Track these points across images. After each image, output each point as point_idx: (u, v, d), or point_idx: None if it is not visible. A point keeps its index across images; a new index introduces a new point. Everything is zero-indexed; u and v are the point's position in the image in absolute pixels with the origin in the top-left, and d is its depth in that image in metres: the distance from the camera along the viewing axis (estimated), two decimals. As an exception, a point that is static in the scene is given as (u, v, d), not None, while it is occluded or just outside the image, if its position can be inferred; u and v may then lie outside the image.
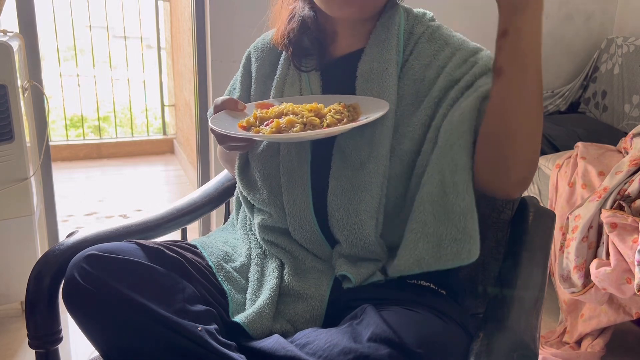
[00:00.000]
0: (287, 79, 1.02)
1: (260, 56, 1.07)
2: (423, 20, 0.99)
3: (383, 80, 0.94)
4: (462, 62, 0.93)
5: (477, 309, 1.11)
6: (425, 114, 0.92)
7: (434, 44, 0.96)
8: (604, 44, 2.53)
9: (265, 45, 1.08)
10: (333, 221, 0.93)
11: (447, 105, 0.90)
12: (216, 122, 0.91)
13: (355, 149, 0.92)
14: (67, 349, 1.81)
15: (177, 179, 3.67)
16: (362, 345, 0.74)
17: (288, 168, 0.96)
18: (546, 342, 1.82)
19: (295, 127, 0.85)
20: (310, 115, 0.88)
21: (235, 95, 1.10)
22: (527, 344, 0.79)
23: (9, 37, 1.78)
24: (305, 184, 0.95)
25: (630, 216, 1.51)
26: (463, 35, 0.98)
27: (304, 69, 1.01)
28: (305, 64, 1.01)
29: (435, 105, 0.92)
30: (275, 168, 0.98)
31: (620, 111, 2.40)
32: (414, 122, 0.92)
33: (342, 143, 0.93)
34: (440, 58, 0.94)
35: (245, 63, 1.11)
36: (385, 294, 0.90)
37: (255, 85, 1.07)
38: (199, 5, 2.16)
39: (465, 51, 0.94)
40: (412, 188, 0.91)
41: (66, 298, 0.84)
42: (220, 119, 0.93)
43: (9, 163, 1.77)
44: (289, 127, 0.86)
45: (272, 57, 1.06)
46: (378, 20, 0.98)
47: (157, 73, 4.12)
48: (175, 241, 1.02)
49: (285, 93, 1.01)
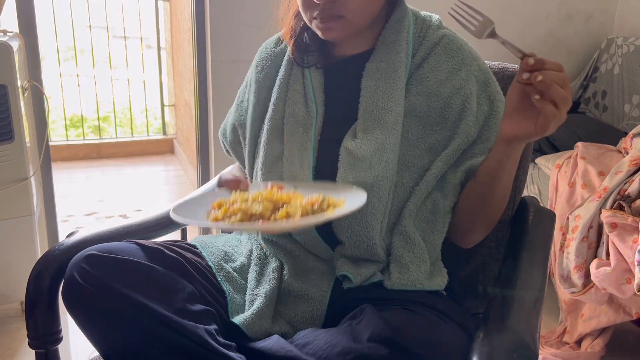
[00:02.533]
0: (290, 77, 1.02)
1: (265, 64, 1.06)
2: (432, 25, 0.99)
3: (390, 80, 0.93)
4: (480, 94, 0.95)
5: (477, 309, 1.11)
6: (436, 139, 0.93)
7: (451, 59, 0.95)
8: (604, 44, 2.53)
9: (269, 53, 1.07)
10: (337, 222, 0.92)
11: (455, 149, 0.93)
12: (183, 209, 0.87)
13: (364, 152, 0.91)
14: (67, 349, 1.81)
15: (177, 179, 3.67)
16: (362, 346, 0.74)
17: (291, 172, 0.96)
18: (546, 342, 1.82)
19: (237, 217, 0.81)
20: (265, 206, 0.82)
21: (246, 111, 1.08)
22: (527, 344, 0.79)
23: (9, 37, 1.78)
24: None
25: (630, 216, 1.51)
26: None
27: (304, 64, 1.00)
28: (306, 60, 1.00)
29: (449, 135, 0.93)
30: (279, 173, 0.98)
31: (620, 111, 2.40)
32: (424, 137, 0.93)
33: (349, 145, 0.93)
34: (456, 79, 0.94)
35: (252, 74, 1.09)
36: (385, 294, 0.90)
37: (257, 94, 1.05)
38: (199, 5, 2.16)
39: (480, 82, 0.95)
40: (414, 200, 0.92)
41: (66, 298, 0.84)
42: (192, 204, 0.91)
43: (9, 163, 1.77)
44: (246, 216, 0.81)
45: (277, 61, 1.05)
46: (387, 22, 0.97)
47: (157, 73, 4.12)
48: (175, 241, 1.02)
49: (289, 90, 1.01)
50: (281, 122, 0.99)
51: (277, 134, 0.99)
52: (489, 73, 0.98)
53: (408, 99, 0.94)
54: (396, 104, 0.92)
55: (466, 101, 0.93)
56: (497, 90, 0.97)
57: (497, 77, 1.09)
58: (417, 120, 0.93)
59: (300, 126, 0.97)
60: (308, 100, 0.99)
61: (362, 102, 0.94)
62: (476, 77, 0.95)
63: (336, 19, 0.90)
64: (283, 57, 1.04)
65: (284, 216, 0.79)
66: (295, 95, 0.99)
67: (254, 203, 0.82)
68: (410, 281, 0.90)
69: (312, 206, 0.81)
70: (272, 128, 1.00)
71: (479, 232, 0.98)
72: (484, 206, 0.94)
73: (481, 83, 0.96)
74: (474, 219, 0.96)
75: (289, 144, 0.97)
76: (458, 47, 0.96)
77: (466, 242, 1.00)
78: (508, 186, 0.92)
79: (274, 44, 1.08)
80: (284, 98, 1.00)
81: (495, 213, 0.95)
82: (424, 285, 0.91)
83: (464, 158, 0.94)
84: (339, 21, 0.90)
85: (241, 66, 2.16)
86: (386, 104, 0.92)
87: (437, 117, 0.93)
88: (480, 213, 0.95)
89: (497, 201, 0.93)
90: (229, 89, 2.17)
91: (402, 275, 0.90)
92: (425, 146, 0.93)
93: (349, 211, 0.78)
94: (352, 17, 0.90)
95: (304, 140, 0.96)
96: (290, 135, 0.97)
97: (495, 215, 0.95)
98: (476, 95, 0.95)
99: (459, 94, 0.93)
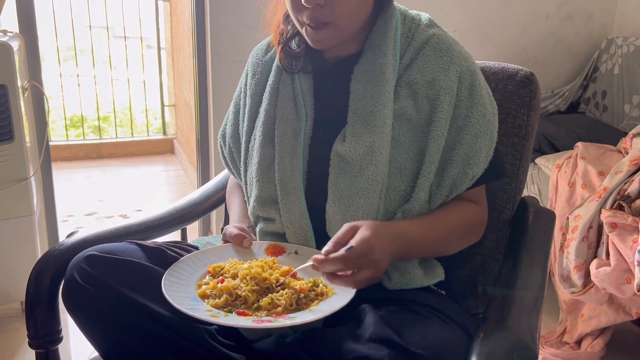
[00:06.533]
0: (280, 82, 1.01)
1: (256, 70, 1.06)
2: (421, 25, 0.98)
3: (378, 83, 0.93)
4: (466, 95, 0.94)
5: (477, 309, 1.11)
6: (426, 141, 0.92)
7: (439, 59, 0.94)
8: (604, 44, 2.53)
9: (260, 59, 1.07)
10: (330, 226, 0.92)
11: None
12: (179, 270, 0.89)
13: (354, 156, 0.91)
14: (67, 349, 1.80)
15: (177, 179, 3.67)
16: (362, 346, 0.74)
17: (282, 176, 0.96)
18: (546, 342, 1.82)
19: (221, 299, 0.82)
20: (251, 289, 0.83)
21: (242, 118, 1.08)
22: (527, 344, 0.79)
23: (9, 37, 1.78)
24: (298, 192, 0.94)
25: (630, 216, 1.51)
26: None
27: (291, 70, 1.00)
28: (294, 65, 1.00)
29: (435, 138, 0.92)
30: (272, 178, 0.97)
31: (620, 111, 2.40)
32: (415, 140, 0.92)
33: (339, 149, 0.93)
34: (445, 79, 0.93)
35: (244, 80, 1.10)
36: (385, 295, 0.90)
37: (250, 100, 1.05)
38: (199, 5, 2.16)
39: (466, 84, 0.94)
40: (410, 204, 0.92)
41: (66, 298, 0.84)
42: (190, 262, 0.91)
43: (9, 163, 1.77)
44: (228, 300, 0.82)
45: (268, 67, 1.05)
46: (374, 24, 0.96)
47: (157, 73, 4.12)
48: (176, 242, 1.02)
49: (279, 95, 1.00)
50: (272, 127, 0.99)
51: (269, 139, 0.99)
52: (477, 75, 0.96)
53: (398, 102, 0.93)
54: (384, 106, 0.92)
55: (454, 102, 0.93)
56: (481, 94, 0.95)
57: (496, 77, 1.09)
58: (408, 123, 0.93)
59: (291, 131, 0.97)
60: (298, 104, 0.98)
61: (351, 105, 0.94)
62: (463, 79, 0.94)
63: (326, 28, 0.89)
64: (273, 62, 1.04)
65: (267, 304, 0.81)
66: (285, 100, 0.99)
67: (243, 282, 0.84)
68: (410, 279, 0.91)
69: (299, 295, 0.83)
70: (264, 133, 0.99)
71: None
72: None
73: (466, 86, 0.94)
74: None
75: (280, 148, 0.97)
76: (447, 47, 0.95)
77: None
78: (442, 251, 0.97)
79: (264, 50, 1.08)
80: (274, 103, 1.00)
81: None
82: (423, 282, 0.92)
83: (445, 164, 0.93)
84: (329, 30, 0.90)
85: (241, 66, 2.15)
86: (375, 107, 0.92)
87: (427, 120, 0.92)
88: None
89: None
90: (229, 89, 2.17)
91: (402, 274, 0.90)
92: (417, 149, 0.92)
93: (330, 312, 0.78)
94: (342, 22, 0.89)
95: (294, 144, 0.96)
96: (281, 140, 0.97)
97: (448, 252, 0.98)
98: (457, 95, 0.94)
99: (448, 95, 0.92)
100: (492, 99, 0.98)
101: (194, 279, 0.88)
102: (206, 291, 0.84)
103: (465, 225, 0.96)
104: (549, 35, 2.58)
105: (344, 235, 0.81)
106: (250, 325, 0.77)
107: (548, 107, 2.56)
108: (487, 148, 0.94)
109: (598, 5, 2.60)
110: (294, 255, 0.93)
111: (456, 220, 0.94)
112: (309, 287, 0.84)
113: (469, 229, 0.97)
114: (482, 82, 0.97)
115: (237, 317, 0.79)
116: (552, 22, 2.57)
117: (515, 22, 2.51)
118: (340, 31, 0.91)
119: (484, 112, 0.94)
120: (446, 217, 0.94)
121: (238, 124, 1.08)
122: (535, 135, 1.09)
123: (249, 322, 0.78)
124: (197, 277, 0.88)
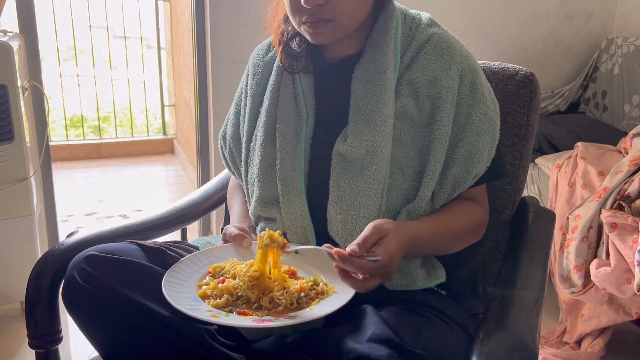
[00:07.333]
0: (281, 82, 1.01)
1: (257, 71, 1.06)
2: (422, 24, 0.98)
3: (379, 82, 0.93)
4: (467, 93, 0.94)
5: (477, 309, 1.11)
6: (428, 140, 0.92)
7: (440, 58, 0.94)
8: (604, 44, 2.53)
9: (260, 60, 1.07)
10: (332, 225, 0.92)
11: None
12: (179, 269, 0.89)
13: (356, 155, 0.91)
14: (67, 349, 1.81)
15: (177, 179, 3.67)
16: (362, 346, 0.74)
17: (283, 176, 0.96)
18: (546, 342, 1.82)
19: (222, 299, 0.82)
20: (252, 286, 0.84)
21: (243, 118, 1.08)
22: (527, 344, 0.79)
23: (9, 37, 1.78)
24: (299, 192, 0.94)
25: (630, 216, 1.51)
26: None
27: (292, 70, 1.00)
28: (295, 65, 1.00)
29: (438, 137, 0.92)
30: (273, 178, 0.97)
31: (620, 111, 2.40)
32: (416, 139, 0.92)
33: (341, 148, 0.93)
34: (446, 78, 0.93)
35: (245, 81, 1.09)
36: (385, 295, 0.90)
37: (250, 100, 1.05)
38: (199, 5, 2.16)
39: (467, 82, 0.94)
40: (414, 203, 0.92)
41: (66, 298, 0.84)
42: (192, 262, 0.92)
43: (9, 163, 1.77)
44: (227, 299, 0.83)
45: (269, 67, 1.05)
46: (375, 23, 0.96)
47: (157, 73, 4.12)
48: (176, 242, 1.02)
49: (280, 95, 1.01)
50: (274, 127, 0.99)
51: (270, 139, 0.99)
52: (478, 73, 0.96)
53: (399, 101, 0.93)
54: (385, 106, 0.92)
55: (456, 100, 0.93)
56: (483, 92, 0.95)
57: (496, 77, 1.09)
58: (409, 122, 0.93)
59: (292, 131, 0.97)
60: (299, 104, 0.98)
61: (352, 104, 0.94)
62: (464, 77, 0.94)
63: (325, 23, 0.89)
64: (274, 63, 1.04)
65: (268, 303, 0.81)
66: (287, 100, 0.99)
67: (243, 279, 0.84)
68: (411, 281, 0.90)
69: (299, 294, 0.83)
70: (266, 133, 0.99)
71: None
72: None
73: (467, 84, 0.94)
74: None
75: (282, 148, 0.97)
76: (448, 46, 0.95)
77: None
78: (444, 250, 0.97)
79: (265, 50, 1.08)
80: (275, 103, 1.00)
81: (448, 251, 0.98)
82: (425, 283, 0.91)
83: (448, 163, 0.93)
84: (329, 25, 0.90)
85: (241, 66, 2.16)
86: (376, 107, 0.92)
87: (428, 119, 0.93)
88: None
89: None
90: (229, 89, 2.17)
91: (404, 276, 0.90)
92: (418, 148, 0.92)
93: (331, 310, 0.78)
94: (341, 20, 0.89)
95: (296, 144, 0.96)
96: (282, 140, 0.97)
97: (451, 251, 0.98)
98: (459, 93, 0.94)
99: (450, 93, 0.92)
100: (494, 97, 0.98)
101: (194, 280, 0.88)
102: (207, 291, 0.84)
103: (470, 225, 0.96)
104: (549, 35, 2.58)
105: (370, 237, 0.80)
106: (252, 325, 0.77)
107: (548, 107, 2.56)
108: (489, 146, 0.94)
109: (598, 5, 2.60)
110: (294, 255, 0.93)
111: (462, 220, 0.95)
112: (309, 286, 0.85)
113: (472, 229, 0.97)
114: (484, 80, 0.97)
115: (238, 317, 0.80)
116: (552, 22, 2.57)
117: (515, 22, 2.51)
118: (339, 28, 0.91)
119: (486, 110, 0.94)
120: (453, 217, 0.94)
121: (239, 125, 1.08)
122: (535, 135, 1.09)
123: (249, 321, 0.78)
124: (197, 278, 0.88)
